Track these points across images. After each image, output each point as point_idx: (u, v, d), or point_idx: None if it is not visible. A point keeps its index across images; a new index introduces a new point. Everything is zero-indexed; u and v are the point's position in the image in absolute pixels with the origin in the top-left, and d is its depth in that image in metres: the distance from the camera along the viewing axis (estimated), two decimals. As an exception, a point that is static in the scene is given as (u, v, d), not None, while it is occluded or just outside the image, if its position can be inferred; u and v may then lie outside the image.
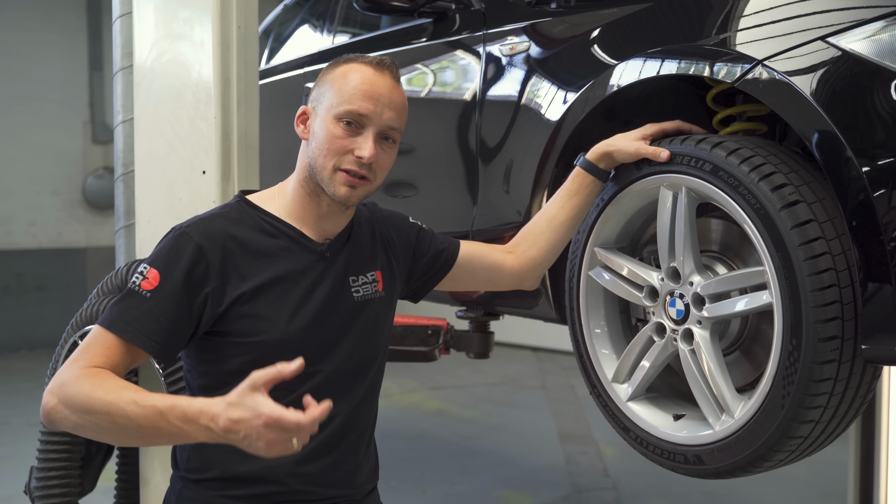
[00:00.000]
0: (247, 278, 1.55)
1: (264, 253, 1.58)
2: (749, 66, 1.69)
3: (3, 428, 5.78)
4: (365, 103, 1.56)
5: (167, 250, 1.53)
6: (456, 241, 1.93)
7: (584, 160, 1.93)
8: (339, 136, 1.57)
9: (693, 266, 1.80)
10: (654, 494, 4.68)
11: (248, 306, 1.54)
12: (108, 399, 1.36)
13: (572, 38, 2.22)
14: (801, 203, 1.59)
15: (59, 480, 2.39)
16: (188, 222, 1.58)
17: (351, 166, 1.57)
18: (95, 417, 1.36)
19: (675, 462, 1.84)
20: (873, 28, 1.56)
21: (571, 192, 1.94)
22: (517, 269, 1.94)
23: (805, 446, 1.69)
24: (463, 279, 1.93)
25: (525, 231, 1.99)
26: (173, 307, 1.49)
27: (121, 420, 1.35)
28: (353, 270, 1.68)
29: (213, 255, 1.52)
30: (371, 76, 1.58)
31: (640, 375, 1.93)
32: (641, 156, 1.84)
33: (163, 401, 1.35)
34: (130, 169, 2.60)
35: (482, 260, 1.93)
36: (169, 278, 1.49)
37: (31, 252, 8.56)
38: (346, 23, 3.54)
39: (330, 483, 1.65)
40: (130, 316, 1.47)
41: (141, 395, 1.37)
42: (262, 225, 1.61)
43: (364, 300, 1.68)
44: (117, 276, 2.41)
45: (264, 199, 1.67)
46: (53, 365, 2.41)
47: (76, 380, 1.39)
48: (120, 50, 2.62)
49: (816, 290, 1.55)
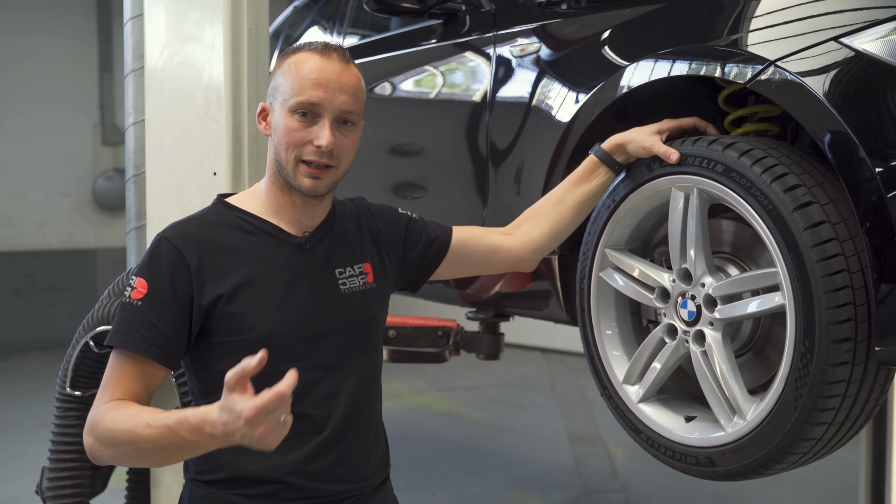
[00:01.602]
0: (226, 276, 1.56)
1: (242, 250, 1.59)
2: (761, 67, 1.68)
3: (15, 428, 5.80)
4: (315, 92, 1.56)
5: (148, 258, 1.56)
6: (448, 228, 1.92)
7: (599, 149, 1.93)
8: (296, 128, 1.57)
9: (705, 267, 1.79)
10: (663, 497, 4.67)
11: (232, 305, 1.55)
12: (126, 428, 1.41)
13: (583, 40, 2.22)
14: (814, 204, 1.59)
15: (70, 481, 2.40)
16: (166, 228, 1.61)
17: (312, 157, 1.57)
18: (122, 448, 1.43)
19: (686, 464, 1.83)
20: (887, 28, 1.55)
21: (581, 179, 1.94)
22: (515, 251, 1.94)
23: (818, 448, 1.68)
24: (459, 264, 1.93)
25: (529, 213, 1.98)
26: (166, 311, 1.51)
27: (142, 445, 1.40)
28: (337, 263, 1.68)
29: (190, 257, 1.54)
30: (318, 63, 1.58)
31: (651, 377, 1.92)
32: (653, 153, 1.84)
33: (171, 417, 1.38)
34: (142, 170, 2.61)
35: (478, 244, 1.93)
36: (155, 284, 1.52)
37: (42, 253, 8.60)
38: (356, 24, 3.54)
39: (337, 478, 1.64)
40: (126, 327, 1.51)
41: (153, 416, 1.41)
42: (239, 223, 1.62)
43: (351, 293, 1.68)
44: (128, 278, 2.42)
45: (242, 199, 1.69)
46: (65, 366, 2.42)
47: (101, 416, 1.46)
48: (131, 52, 2.63)
49: (829, 291, 1.54)
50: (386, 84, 2.92)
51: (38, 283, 8.57)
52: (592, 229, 2.02)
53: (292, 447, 1.58)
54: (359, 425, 1.69)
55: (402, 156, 2.93)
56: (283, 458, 1.59)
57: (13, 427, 5.84)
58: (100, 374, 2.42)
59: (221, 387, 1.42)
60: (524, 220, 1.97)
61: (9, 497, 4.50)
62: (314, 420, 1.61)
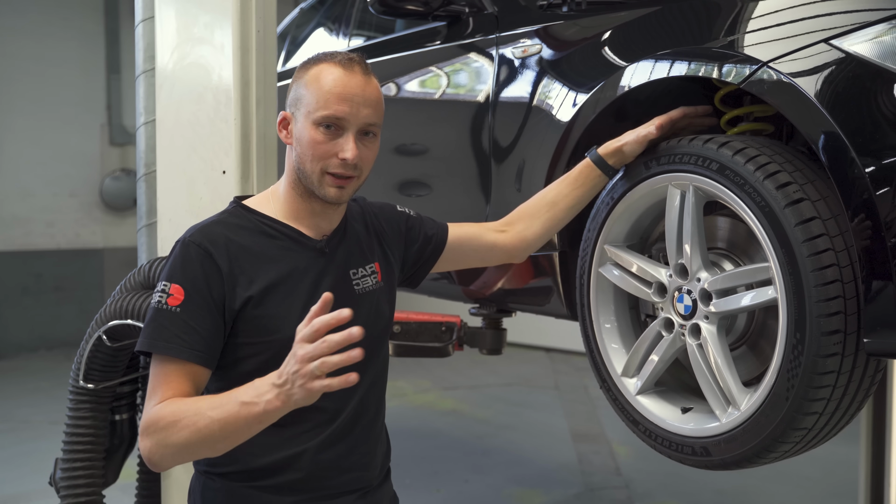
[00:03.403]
0: (254, 280, 1.59)
1: (267, 254, 1.62)
2: (755, 68, 1.73)
3: (24, 426, 5.86)
4: (340, 106, 1.59)
5: (180, 263, 1.57)
6: (444, 226, 1.98)
7: (596, 153, 1.99)
8: (321, 141, 1.60)
9: (700, 262, 1.84)
10: (666, 493, 4.70)
11: (259, 308, 1.58)
12: (188, 415, 1.43)
13: (583, 41, 2.27)
14: (805, 201, 1.63)
15: (83, 472, 2.44)
16: (189, 232, 1.61)
17: (337, 169, 1.61)
18: (184, 436, 1.43)
19: (683, 454, 1.88)
20: (876, 30, 1.59)
21: (577, 183, 2.02)
22: (509, 248, 2.03)
23: (809, 438, 1.73)
24: (454, 261, 2.01)
25: (524, 211, 2.06)
26: (206, 314, 1.54)
27: (206, 429, 1.42)
28: (352, 264, 1.73)
29: (221, 260, 1.57)
30: (342, 77, 1.60)
31: (648, 369, 1.97)
32: (644, 138, 1.91)
33: (232, 394, 1.42)
34: (152, 169, 2.67)
35: (473, 242, 2.00)
36: (192, 289, 1.54)
37: (50, 253, 8.66)
38: (362, 26, 3.59)
39: (347, 467, 1.70)
40: (168, 334, 1.52)
41: (213, 399, 1.44)
42: (261, 227, 1.65)
43: (365, 292, 1.73)
44: (140, 273, 2.47)
45: (260, 202, 1.71)
46: (78, 359, 2.47)
47: (156, 414, 1.47)
48: (142, 53, 2.68)
49: (820, 285, 1.59)
50: (391, 85, 2.97)
51: (45, 282, 8.63)
52: (592, 226, 2.07)
53: (305, 438, 1.64)
54: (368, 416, 1.75)
55: (407, 155, 2.97)
56: (297, 447, 1.64)
57: (22, 424, 5.90)
58: (112, 368, 2.49)
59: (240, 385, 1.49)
60: (518, 219, 2.05)
61: (19, 492, 4.56)
62: (327, 411, 1.66)
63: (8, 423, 5.95)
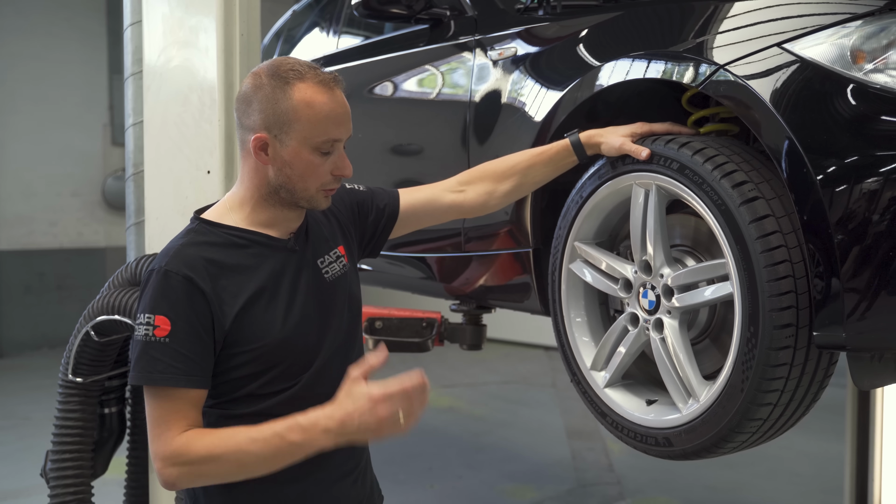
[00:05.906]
0: (238, 294, 1.60)
1: (243, 265, 1.63)
2: (713, 70, 1.78)
3: (25, 423, 5.93)
4: (338, 130, 1.63)
5: (161, 293, 1.55)
6: (395, 194, 2.01)
7: (577, 138, 2.04)
8: (319, 163, 1.63)
9: (663, 259, 1.90)
10: (657, 489, 4.75)
11: (248, 318, 1.61)
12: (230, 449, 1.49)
13: (557, 40, 2.32)
14: (759, 199, 1.69)
15: (72, 463, 2.49)
16: (164, 260, 1.59)
17: (333, 185, 1.67)
18: (225, 470, 1.51)
19: (646, 444, 1.93)
20: (825, 35, 1.65)
21: (551, 160, 2.07)
22: (466, 208, 2.07)
23: (765, 429, 1.78)
24: (411, 225, 2.04)
25: (487, 171, 2.10)
26: (195, 340, 1.55)
27: (246, 459, 1.49)
28: (318, 254, 1.76)
29: (203, 283, 1.57)
30: (331, 101, 1.61)
31: (616, 363, 2.03)
32: (624, 152, 1.94)
33: (279, 425, 1.49)
34: (140, 169, 2.73)
35: (428, 207, 2.04)
36: (177, 317, 1.55)
37: (53, 252, 8.74)
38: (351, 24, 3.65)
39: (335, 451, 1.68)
40: (162, 365, 1.53)
41: (252, 431, 1.50)
42: (230, 239, 1.65)
43: (335, 278, 1.76)
44: (127, 271, 2.53)
45: (220, 214, 1.69)
46: (67, 354, 2.53)
47: (184, 447, 1.50)
48: (131, 56, 2.75)
49: (772, 280, 1.64)
50: (376, 85, 3.02)
51: (48, 281, 8.71)
52: (563, 224, 2.12)
53: None
54: None
55: (393, 152, 3.03)
56: None
57: (23, 421, 5.97)
58: (100, 362, 2.55)
59: (235, 391, 1.57)
60: (480, 178, 2.08)
61: (19, 488, 4.64)
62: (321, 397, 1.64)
63: (10, 420, 6.03)
